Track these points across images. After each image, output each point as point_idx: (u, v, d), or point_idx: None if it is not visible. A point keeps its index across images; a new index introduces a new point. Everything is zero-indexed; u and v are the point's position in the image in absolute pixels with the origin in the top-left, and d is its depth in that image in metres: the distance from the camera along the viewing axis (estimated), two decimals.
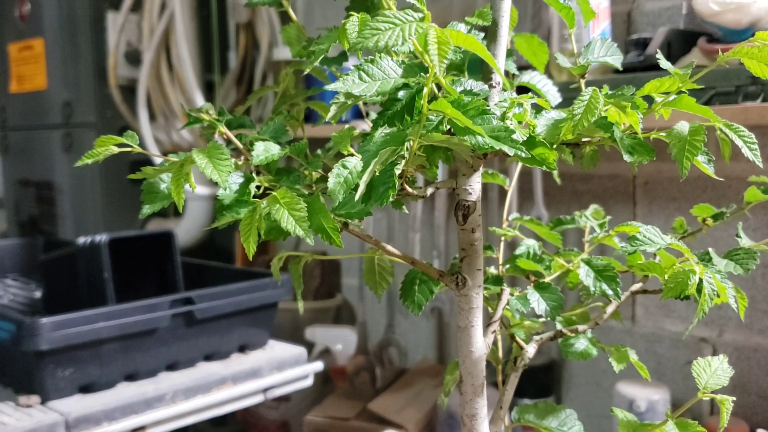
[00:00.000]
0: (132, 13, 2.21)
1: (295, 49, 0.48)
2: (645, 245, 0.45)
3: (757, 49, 0.37)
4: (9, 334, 1.22)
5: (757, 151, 0.42)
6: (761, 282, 1.37)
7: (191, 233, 2.21)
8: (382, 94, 0.35)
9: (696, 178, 1.40)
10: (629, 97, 0.39)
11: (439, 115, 0.38)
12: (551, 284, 0.55)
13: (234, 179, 0.41)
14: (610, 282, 0.52)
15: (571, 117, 0.38)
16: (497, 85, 0.43)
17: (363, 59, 0.36)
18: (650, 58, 1.34)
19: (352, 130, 0.44)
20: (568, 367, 1.71)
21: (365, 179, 0.35)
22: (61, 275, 1.51)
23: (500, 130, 0.35)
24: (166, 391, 1.32)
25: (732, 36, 1.27)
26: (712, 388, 0.49)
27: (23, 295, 1.73)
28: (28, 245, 1.92)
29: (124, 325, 1.29)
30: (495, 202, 1.66)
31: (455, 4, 1.63)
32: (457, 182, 0.44)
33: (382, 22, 0.29)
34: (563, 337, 0.59)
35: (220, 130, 0.42)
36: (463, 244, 0.47)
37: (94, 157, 0.38)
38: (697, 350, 1.49)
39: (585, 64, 0.44)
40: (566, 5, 0.43)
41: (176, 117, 2.18)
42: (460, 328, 0.50)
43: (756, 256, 0.50)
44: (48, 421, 1.17)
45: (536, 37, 0.49)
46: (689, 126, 0.41)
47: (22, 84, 2.37)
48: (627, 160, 0.41)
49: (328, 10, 2.12)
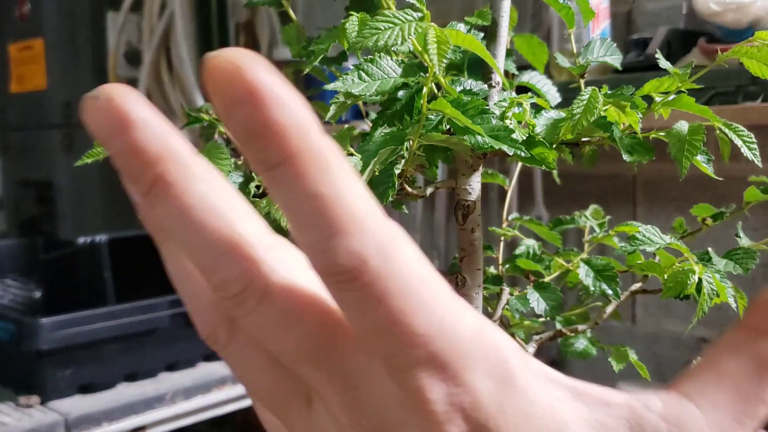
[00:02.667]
0: (132, 13, 2.21)
1: (294, 49, 0.48)
2: (644, 245, 0.45)
3: (756, 48, 0.37)
4: (9, 334, 1.22)
5: (756, 150, 0.42)
6: (761, 282, 1.37)
7: None
8: (381, 93, 0.35)
9: (696, 178, 1.40)
10: (629, 97, 0.39)
11: (439, 115, 0.38)
12: (551, 284, 0.55)
13: (233, 179, 0.41)
14: (609, 282, 0.52)
15: (571, 117, 0.38)
16: (497, 84, 0.43)
17: (362, 59, 0.36)
18: (650, 58, 1.34)
19: (351, 130, 0.44)
20: (567, 367, 1.71)
21: (364, 179, 0.35)
22: (61, 275, 1.51)
23: (500, 130, 0.35)
24: (166, 391, 1.32)
25: (732, 36, 1.27)
26: None
27: (23, 295, 1.73)
28: (28, 245, 1.92)
29: (124, 325, 1.29)
30: (495, 202, 1.67)
31: (455, 3, 1.63)
32: (457, 182, 0.44)
33: (382, 21, 0.29)
34: (563, 337, 0.59)
35: (220, 129, 0.42)
36: (463, 243, 0.47)
37: (96, 156, 0.38)
38: (697, 350, 1.49)
39: (584, 64, 0.44)
40: (566, 5, 0.43)
41: (176, 117, 2.18)
42: None
43: (755, 255, 0.50)
44: (48, 421, 1.17)
45: (536, 37, 0.49)
46: (689, 126, 0.41)
47: (22, 84, 2.37)
48: (626, 159, 0.41)
49: (328, 10, 2.12)
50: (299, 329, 0.24)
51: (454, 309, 0.24)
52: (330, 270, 0.23)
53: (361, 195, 0.23)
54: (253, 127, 0.22)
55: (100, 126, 0.24)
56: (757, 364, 0.27)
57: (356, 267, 0.22)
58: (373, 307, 0.23)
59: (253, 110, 0.21)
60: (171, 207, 0.24)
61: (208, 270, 0.24)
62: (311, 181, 0.22)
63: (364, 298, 0.23)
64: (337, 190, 0.22)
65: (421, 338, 0.23)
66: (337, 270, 0.22)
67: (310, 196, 0.22)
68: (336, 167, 0.22)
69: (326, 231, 0.22)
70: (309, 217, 0.22)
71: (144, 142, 0.23)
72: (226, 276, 0.24)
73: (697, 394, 0.27)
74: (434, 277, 0.24)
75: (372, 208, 0.23)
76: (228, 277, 0.24)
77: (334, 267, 0.22)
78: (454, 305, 0.24)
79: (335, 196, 0.22)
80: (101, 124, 0.24)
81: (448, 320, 0.23)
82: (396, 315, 0.23)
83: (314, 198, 0.22)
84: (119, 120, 0.23)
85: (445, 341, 0.23)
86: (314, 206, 0.22)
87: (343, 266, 0.22)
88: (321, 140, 0.22)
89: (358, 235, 0.22)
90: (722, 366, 0.27)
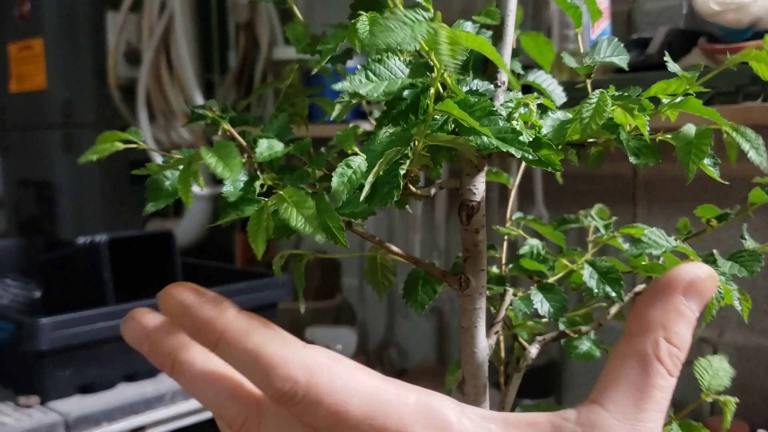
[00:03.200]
0: (132, 13, 2.21)
1: (300, 47, 0.48)
2: (650, 248, 0.45)
3: (766, 52, 0.37)
4: (9, 334, 1.21)
5: (764, 154, 0.42)
6: (762, 283, 1.37)
7: (191, 233, 2.21)
8: (389, 94, 0.35)
9: (696, 178, 1.40)
10: (637, 99, 0.38)
11: (444, 115, 0.37)
12: (555, 285, 0.55)
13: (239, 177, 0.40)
14: (613, 284, 0.52)
15: (579, 119, 0.37)
16: (502, 84, 0.43)
17: (370, 58, 0.36)
18: (651, 57, 1.34)
19: (356, 129, 0.44)
20: (568, 368, 1.70)
21: (370, 179, 0.35)
22: (61, 275, 1.51)
23: (507, 132, 0.35)
24: (166, 391, 1.32)
25: (732, 36, 1.27)
26: (716, 389, 0.49)
27: (23, 295, 1.72)
28: (28, 245, 1.91)
29: None
30: (495, 201, 1.66)
31: (455, 3, 1.63)
32: (462, 182, 0.44)
33: (393, 21, 0.29)
34: (566, 339, 0.58)
35: (224, 126, 0.42)
36: (467, 244, 0.47)
37: (98, 153, 0.38)
38: (698, 350, 1.49)
39: (591, 64, 0.44)
40: (573, 4, 0.43)
41: (176, 117, 2.18)
42: (463, 329, 0.50)
43: (761, 258, 0.50)
44: (48, 421, 1.17)
45: (542, 35, 0.48)
46: (696, 129, 0.41)
47: (22, 84, 2.36)
48: (633, 162, 0.41)
49: (329, 8, 2.12)
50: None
51: (388, 387, 0.32)
52: (275, 396, 0.32)
53: (275, 340, 0.32)
54: (193, 325, 0.34)
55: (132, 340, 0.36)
56: (640, 359, 0.34)
57: (291, 387, 0.31)
58: (314, 410, 0.31)
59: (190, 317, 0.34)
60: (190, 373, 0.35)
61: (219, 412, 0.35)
62: (238, 346, 0.32)
63: (307, 406, 0.31)
64: (258, 344, 0.32)
65: (361, 417, 0.31)
66: (279, 394, 0.31)
67: (244, 354, 0.32)
68: (250, 332, 0.33)
69: (263, 371, 0.32)
70: (249, 366, 0.32)
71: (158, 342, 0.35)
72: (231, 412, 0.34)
73: (602, 398, 0.34)
74: (360, 371, 0.33)
75: (288, 346, 0.32)
76: (233, 413, 0.34)
77: (277, 393, 0.31)
78: (387, 384, 0.33)
79: (259, 348, 0.32)
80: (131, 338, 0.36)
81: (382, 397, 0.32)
82: (336, 407, 0.31)
83: (246, 354, 0.32)
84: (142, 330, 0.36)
85: (382, 412, 0.31)
86: (249, 359, 0.32)
87: (282, 389, 0.31)
88: (236, 318, 0.34)
89: (283, 367, 0.31)
90: (615, 370, 0.34)
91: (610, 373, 0.35)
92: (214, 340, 0.33)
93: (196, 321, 0.34)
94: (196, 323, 0.34)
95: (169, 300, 0.35)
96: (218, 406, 0.34)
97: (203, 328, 0.33)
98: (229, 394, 0.34)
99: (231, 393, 0.34)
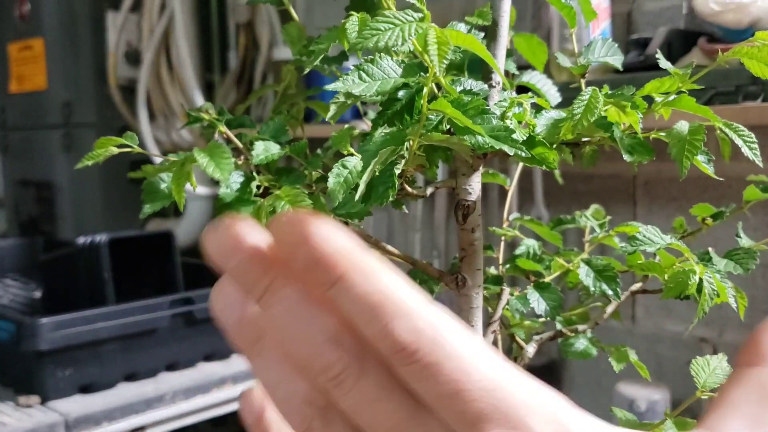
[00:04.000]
0: (132, 13, 2.21)
1: (296, 48, 0.48)
2: (645, 245, 0.45)
3: (757, 49, 0.37)
4: (9, 334, 1.22)
5: (757, 150, 0.42)
6: (761, 282, 1.37)
7: (191, 233, 2.21)
8: (382, 93, 0.35)
9: (696, 178, 1.40)
10: (629, 97, 0.39)
11: (439, 115, 0.38)
12: (551, 284, 0.55)
13: (235, 178, 0.41)
14: (609, 282, 0.52)
15: (571, 117, 0.38)
16: (497, 84, 0.43)
17: (363, 59, 0.36)
18: (650, 58, 1.34)
19: (351, 130, 0.44)
20: (568, 368, 1.71)
21: (365, 179, 0.35)
22: (61, 275, 1.51)
23: (500, 130, 0.35)
24: (166, 391, 1.32)
25: (732, 36, 1.27)
26: (711, 386, 0.49)
27: (23, 295, 1.73)
28: (28, 245, 1.92)
29: (124, 325, 1.29)
30: (495, 202, 1.66)
31: (455, 4, 1.63)
32: (457, 182, 0.44)
33: (382, 22, 0.29)
34: (563, 337, 0.59)
35: (220, 129, 0.42)
36: (463, 244, 0.47)
37: (95, 158, 0.38)
38: (698, 350, 1.49)
39: (585, 64, 0.44)
40: (567, 4, 0.43)
41: (176, 117, 2.18)
42: None
43: (756, 255, 0.50)
44: (48, 421, 1.17)
45: (536, 36, 0.49)
46: (689, 126, 0.41)
47: (22, 84, 2.37)
48: (627, 159, 0.41)
49: (329, 10, 2.12)
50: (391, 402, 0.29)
51: (504, 366, 0.28)
52: (392, 350, 0.28)
53: (404, 289, 0.28)
54: (311, 258, 0.28)
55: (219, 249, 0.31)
56: (759, 389, 0.34)
57: (413, 341, 0.27)
58: (434, 372, 0.27)
59: (308, 248, 0.28)
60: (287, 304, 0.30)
61: (312, 357, 0.29)
62: (361, 288, 0.28)
63: (425, 367, 0.27)
64: (384, 289, 0.28)
65: (481, 392, 0.27)
66: (398, 348, 0.27)
67: (366, 297, 0.28)
68: (378, 274, 0.28)
69: (383, 320, 0.27)
70: (367, 314, 0.28)
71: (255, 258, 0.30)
72: (328, 359, 0.29)
73: (719, 425, 0.33)
74: (478, 341, 0.28)
75: (416, 298, 0.28)
76: (330, 360, 0.29)
77: (395, 346, 0.27)
78: (504, 364, 0.28)
79: (384, 294, 0.28)
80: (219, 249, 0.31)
81: (507, 377, 0.28)
82: (458, 375, 0.27)
83: (369, 297, 0.28)
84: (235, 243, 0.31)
85: (503, 392, 0.27)
86: (369, 305, 0.28)
87: (403, 343, 0.27)
88: (363, 257, 0.28)
89: (410, 318, 0.27)
90: (733, 398, 0.34)
91: (726, 400, 0.35)
92: (333, 278, 0.28)
93: (317, 253, 0.28)
94: (315, 256, 0.28)
95: (284, 227, 0.29)
96: (313, 347, 0.29)
97: (323, 263, 0.28)
98: (331, 336, 0.29)
99: (334, 335, 0.29)
